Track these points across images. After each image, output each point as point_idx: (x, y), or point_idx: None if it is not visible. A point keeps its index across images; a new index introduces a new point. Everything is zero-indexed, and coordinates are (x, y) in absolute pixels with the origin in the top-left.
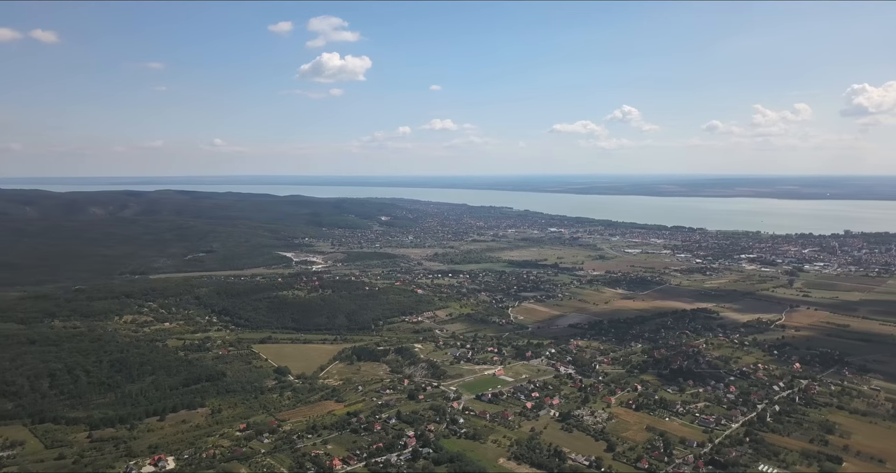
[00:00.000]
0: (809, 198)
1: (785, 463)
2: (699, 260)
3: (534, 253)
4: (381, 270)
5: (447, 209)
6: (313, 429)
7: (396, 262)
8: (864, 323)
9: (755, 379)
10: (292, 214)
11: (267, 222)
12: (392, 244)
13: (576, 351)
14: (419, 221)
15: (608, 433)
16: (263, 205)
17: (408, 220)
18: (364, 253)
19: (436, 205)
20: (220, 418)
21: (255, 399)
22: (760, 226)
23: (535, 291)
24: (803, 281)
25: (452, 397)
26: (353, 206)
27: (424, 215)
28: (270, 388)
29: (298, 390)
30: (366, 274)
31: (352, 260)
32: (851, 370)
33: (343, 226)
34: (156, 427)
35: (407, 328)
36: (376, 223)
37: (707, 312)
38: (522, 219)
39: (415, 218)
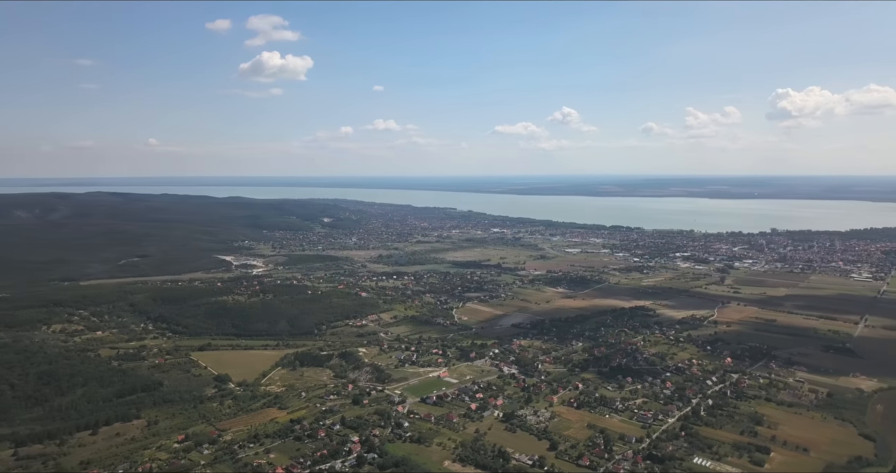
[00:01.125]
0: (739, 198)
1: (718, 455)
2: (636, 259)
3: (477, 253)
4: (324, 273)
5: (391, 210)
6: (255, 438)
7: (340, 265)
8: (789, 317)
9: (690, 375)
10: (232, 216)
11: (205, 225)
12: (335, 246)
13: (519, 351)
14: (363, 223)
15: (551, 432)
16: (201, 207)
17: (351, 222)
18: (306, 255)
19: (379, 206)
20: (157, 430)
21: (195, 409)
22: (694, 225)
23: (479, 292)
24: (734, 278)
25: (397, 401)
26: (295, 208)
27: (368, 216)
28: (210, 397)
29: (240, 398)
30: (308, 277)
31: (293, 264)
32: (778, 363)
33: (284, 229)
34: (88, 441)
35: (351, 332)
36: (319, 225)
37: (644, 310)
38: (466, 219)
39: (358, 219)
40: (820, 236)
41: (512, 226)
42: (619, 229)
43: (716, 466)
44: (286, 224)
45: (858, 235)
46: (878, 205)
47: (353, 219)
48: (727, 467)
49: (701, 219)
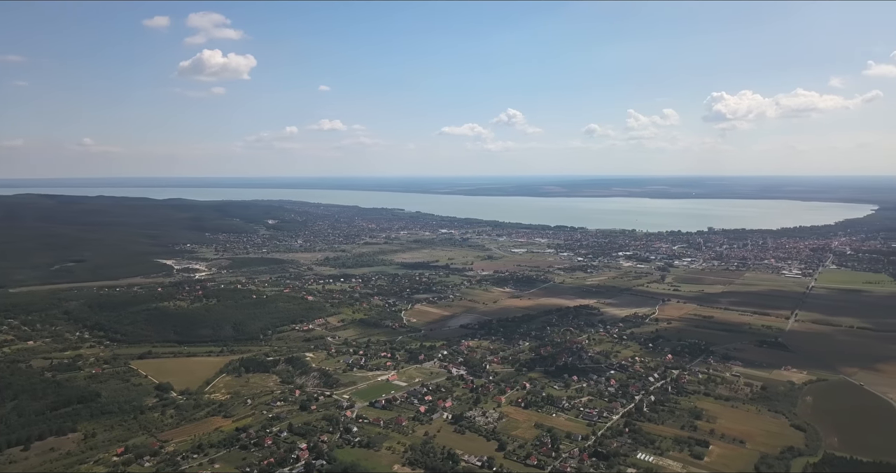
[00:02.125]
0: (677, 198)
1: (660, 450)
2: (581, 259)
3: (426, 254)
4: (270, 277)
5: (338, 211)
6: (199, 448)
7: (285, 268)
8: (725, 313)
9: (633, 372)
10: (172, 219)
11: (145, 228)
12: (280, 249)
13: (467, 352)
14: (309, 224)
15: (499, 432)
16: (140, 209)
17: (297, 223)
18: (251, 258)
19: (326, 207)
20: (95, 443)
21: (134, 420)
22: (635, 225)
23: (427, 293)
24: (674, 276)
25: (346, 405)
26: (239, 210)
27: (314, 218)
28: (151, 407)
29: (182, 407)
30: (253, 281)
31: (237, 267)
32: (716, 358)
33: (228, 231)
34: (19, 457)
35: (298, 336)
36: (263, 227)
37: (589, 308)
38: (414, 220)
39: (304, 221)
40: (753, 234)
41: (460, 226)
42: (563, 229)
43: (658, 461)
44: (229, 226)
45: (789, 233)
46: (807, 204)
47: (299, 221)
48: (669, 461)
49: (642, 219)
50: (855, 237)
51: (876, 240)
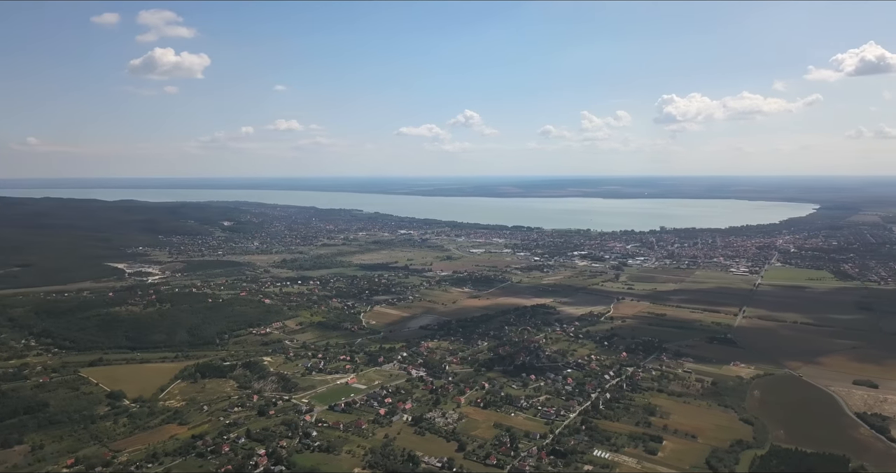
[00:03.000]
0: (630, 197)
1: (616, 447)
2: (537, 258)
3: (385, 255)
4: (225, 279)
5: (295, 212)
6: (154, 457)
7: (241, 270)
8: (677, 311)
9: (589, 370)
10: (124, 221)
11: (95, 230)
12: (236, 251)
13: (426, 353)
14: (265, 226)
15: (459, 433)
16: (90, 211)
17: (253, 225)
18: (206, 261)
19: (283, 209)
20: (43, 455)
21: (85, 430)
22: (590, 224)
23: (386, 294)
24: (627, 275)
25: (305, 410)
26: (193, 211)
27: (271, 219)
28: (103, 416)
29: (136, 415)
30: (208, 284)
31: (192, 270)
32: (668, 355)
33: (182, 233)
34: None
35: (255, 340)
36: (218, 229)
37: (545, 308)
38: (373, 221)
39: (260, 222)
40: (703, 233)
41: (419, 227)
42: (520, 229)
43: (614, 457)
44: (184, 228)
45: (736, 232)
46: (753, 204)
47: (255, 223)
48: (624, 457)
49: (596, 219)
50: (798, 235)
51: (817, 238)
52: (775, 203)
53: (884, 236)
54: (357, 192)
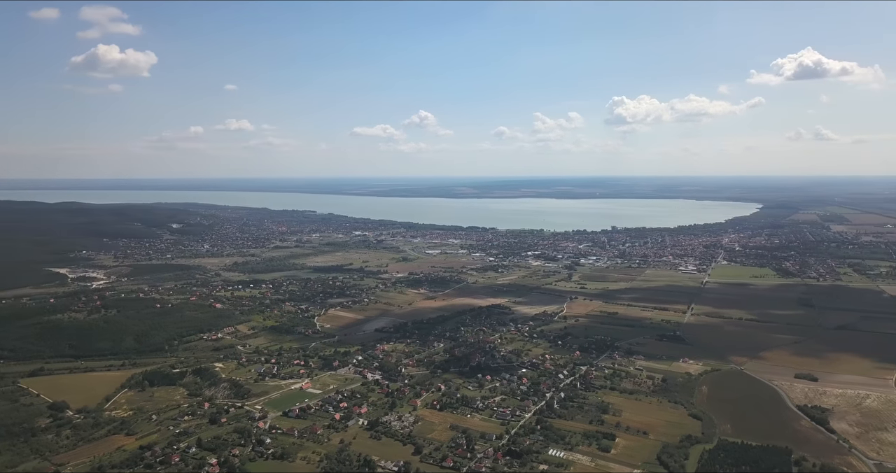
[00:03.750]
0: (582, 198)
1: (570, 445)
2: (492, 259)
3: (339, 257)
4: (175, 284)
5: (246, 214)
6: (99, 470)
7: (191, 274)
8: (628, 309)
9: (543, 369)
10: (66, 224)
11: (33, 233)
12: (185, 254)
13: (382, 356)
14: (216, 228)
15: (415, 436)
16: (29, 213)
17: (203, 227)
18: (154, 265)
19: (234, 210)
20: None
21: (25, 443)
22: (543, 225)
23: (341, 297)
24: (580, 274)
25: (258, 416)
26: (140, 213)
27: (221, 221)
28: (45, 428)
29: (80, 427)
30: (156, 289)
31: (139, 275)
32: (620, 353)
33: (128, 236)
34: None
35: (206, 346)
36: (167, 231)
37: (501, 308)
38: (327, 222)
39: (210, 224)
40: (653, 233)
41: (374, 228)
42: (475, 230)
43: (568, 456)
44: (130, 231)
45: (685, 231)
46: (700, 203)
47: (205, 225)
48: (578, 456)
49: (549, 219)
50: (743, 234)
51: (761, 237)
52: (721, 202)
53: (822, 234)
54: (310, 193)
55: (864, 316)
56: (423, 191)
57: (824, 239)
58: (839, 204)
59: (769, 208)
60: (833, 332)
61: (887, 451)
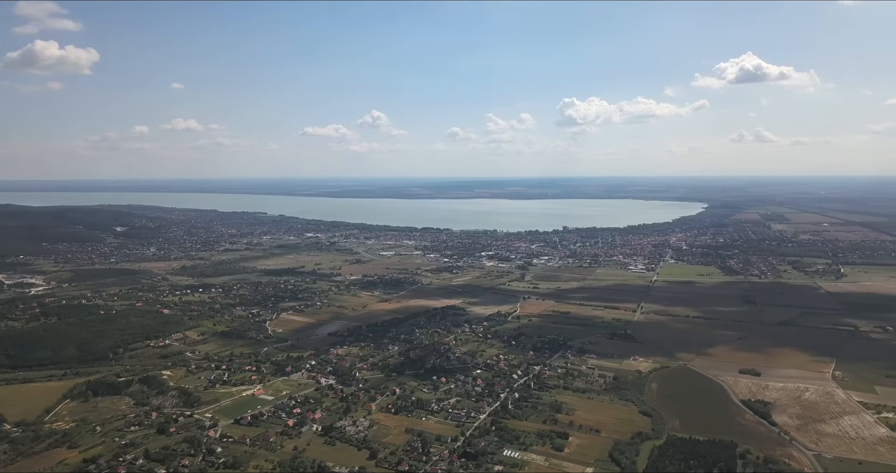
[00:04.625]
0: (534, 198)
1: (524, 446)
2: (446, 260)
3: (291, 260)
4: (119, 289)
5: (195, 216)
6: None
7: (137, 279)
8: (580, 309)
9: (498, 370)
10: (1, 227)
11: None
12: (131, 258)
13: (336, 361)
14: (162, 230)
15: (370, 440)
16: None
17: (149, 230)
18: (97, 270)
19: (181, 212)
20: None
21: None
22: (496, 225)
23: (293, 301)
24: (533, 274)
25: (208, 425)
26: (81, 216)
27: (168, 223)
28: None
29: (18, 440)
30: (100, 294)
31: (81, 280)
32: (573, 352)
33: (69, 240)
34: None
35: (153, 353)
36: (110, 234)
37: (455, 309)
38: (278, 224)
39: (157, 227)
40: (603, 232)
41: (326, 230)
42: (429, 230)
43: (523, 456)
44: (71, 234)
45: (634, 231)
46: (648, 203)
47: (151, 227)
48: (533, 455)
49: (502, 219)
50: (689, 233)
51: (706, 236)
52: (668, 202)
53: (763, 233)
54: (261, 194)
55: (803, 312)
56: (376, 191)
57: (766, 237)
58: (779, 203)
59: (714, 208)
60: (774, 328)
61: (825, 442)
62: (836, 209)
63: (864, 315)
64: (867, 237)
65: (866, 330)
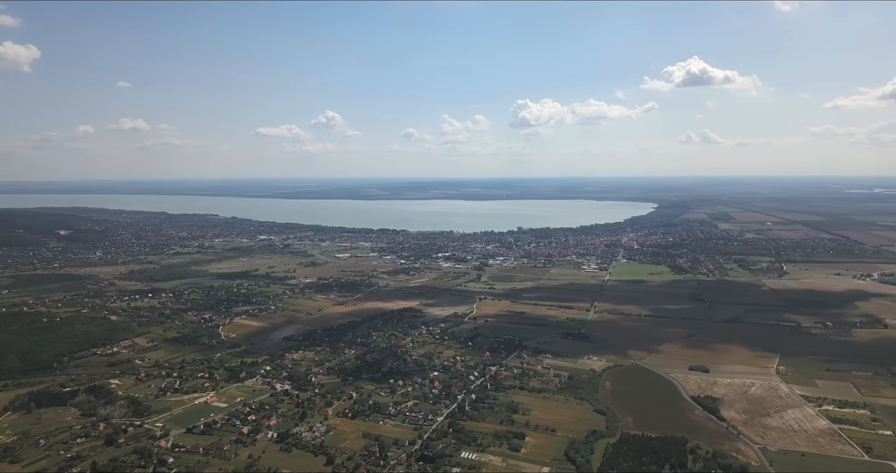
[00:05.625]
0: (490, 199)
1: (482, 447)
2: (403, 261)
3: (244, 263)
4: (64, 295)
5: (143, 218)
6: None
7: (83, 284)
8: (535, 308)
9: (455, 372)
10: None
11: None
12: (75, 263)
13: (291, 365)
14: (109, 234)
15: (327, 446)
16: None
17: (95, 233)
18: (39, 275)
19: (129, 214)
20: None
21: None
22: (453, 226)
23: (247, 305)
24: (489, 275)
25: (160, 435)
26: (22, 219)
27: (115, 226)
28: None
29: None
30: (43, 301)
31: (22, 286)
32: (528, 352)
33: (9, 244)
34: None
35: (100, 362)
36: (54, 238)
37: (412, 311)
38: (230, 226)
39: (103, 230)
40: (557, 233)
41: (280, 232)
42: (386, 232)
43: (480, 457)
44: (11, 239)
45: (587, 231)
46: (601, 203)
47: (98, 231)
48: (490, 457)
49: (458, 220)
50: (640, 233)
51: (656, 235)
52: (620, 202)
53: (710, 232)
54: (212, 196)
55: (749, 309)
56: (331, 192)
57: (713, 236)
58: (725, 203)
59: (664, 207)
60: (721, 325)
61: (770, 435)
62: (778, 208)
63: (805, 311)
64: (808, 235)
65: (808, 326)
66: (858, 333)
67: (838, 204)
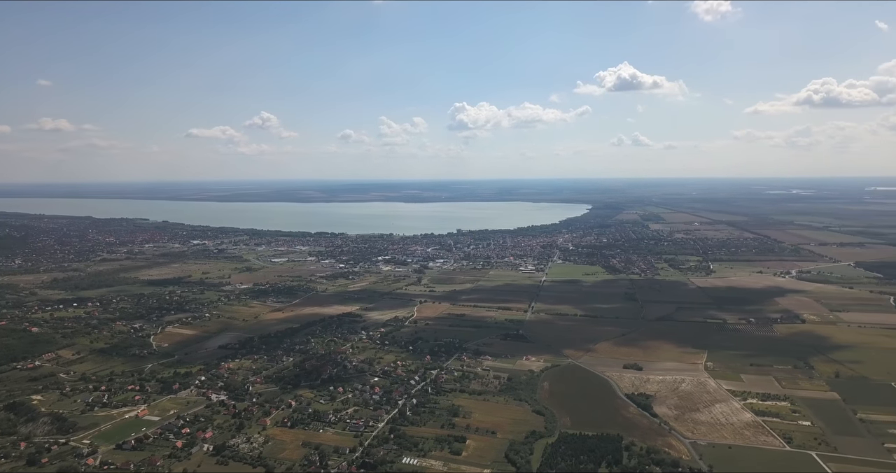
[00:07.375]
0: (429, 201)
1: (423, 452)
2: (342, 265)
3: (176, 269)
4: None
5: (67, 223)
6: None
7: (1, 295)
8: (475, 310)
9: (396, 377)
10: None
11: None
12: None
13: (227, 375)
14: (29, 240)
15: (266, 457)
16: None
17: (13, 240)
18: None
19: (51, 219)
20: None
21: None
22: (393, 229)
23: (180, 313)
24: (429, 278)
25: (87, 452)
26: None
27: (36, 232)
28: None
29: None
30: None
31: None
32: (468, 354)
33: None
34: None
35: (20, 377)
36: None
37: (352, 316)
38: (161, 231)
39: (23, 236)
40: (495, 234)
41: (214, 236)
42: (324, 235)
43: (422, 462)
44: None
45: (524, 232)
46: (537, 205)
47: (16, 236)
48: (431, 461)
49: (398, 223)
50: (575, 234)
51: (591, 236)
52: (555, 204)
53: (642, 232)
54: (142, 199)
55: (679, 307)
56: (267, 194)
57: (644, 236)
58: (656, 204)
59: (598, 209)
60: (653, 323)
61: (700, 430)
62: (705, 209)
63: (729, 308)
64: (732, 235)
65: (733, 322)
66: (778, 328)
67: (760, 204)
